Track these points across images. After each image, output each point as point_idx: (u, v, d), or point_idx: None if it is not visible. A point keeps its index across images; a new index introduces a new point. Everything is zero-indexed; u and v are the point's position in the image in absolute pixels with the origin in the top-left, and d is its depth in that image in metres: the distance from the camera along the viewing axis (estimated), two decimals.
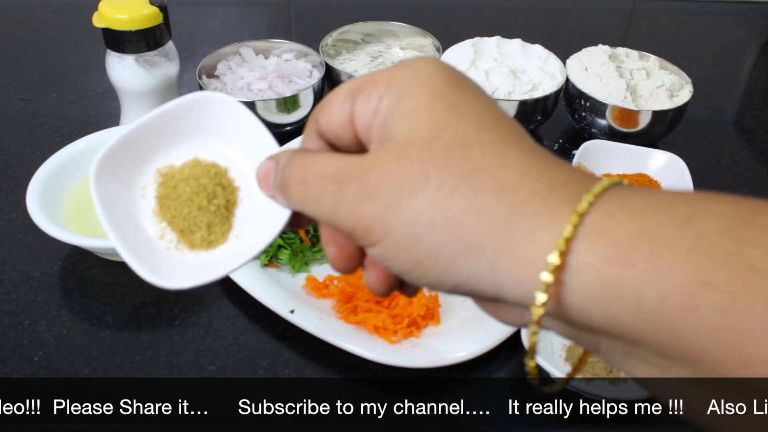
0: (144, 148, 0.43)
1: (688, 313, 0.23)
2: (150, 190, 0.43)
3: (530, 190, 0.27)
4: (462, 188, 0.27)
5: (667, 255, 0.23)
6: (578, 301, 0.25)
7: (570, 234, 0.25)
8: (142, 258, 0.39)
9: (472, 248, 0.27)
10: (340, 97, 0.31)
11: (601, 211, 0.25)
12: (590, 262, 0.24)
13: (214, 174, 0.42)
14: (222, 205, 0.41)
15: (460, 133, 0.28)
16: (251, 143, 0.40)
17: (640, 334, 0.24)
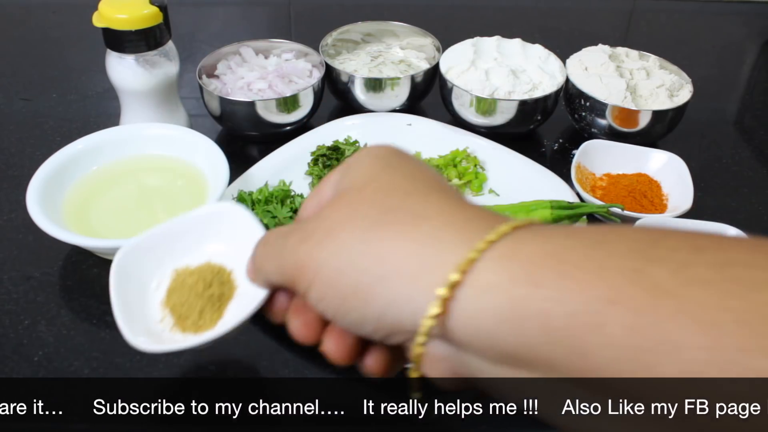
0: (166, 248, 0.50)
1: (595, 332, 0.22)
2: (164, 285, 0.50)
3: (445, 221, 0.27)
4: (382, 221, 0.28)
5: (575, 274, 0.23)
6: (489, 324, 0.25)
7: (475, 256, 0.25)
8: (133, 328, 0.45)
9: (387, 276, 0.27)
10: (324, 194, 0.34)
11: (513, 238, 0.26)
12: (499, 282, 0.25)
13: (217, 271, 0.49)
14: (215, 295, 0.47)
15: (389, 181, 0.30)
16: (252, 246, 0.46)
17: (551, 357, 0.24)
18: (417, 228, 0.27)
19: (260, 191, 0.65)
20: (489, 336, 0.25)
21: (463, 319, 0.25)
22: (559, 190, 0.69)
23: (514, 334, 0.24)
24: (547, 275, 0.24)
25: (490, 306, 0.25)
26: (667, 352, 0.21)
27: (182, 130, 0.69)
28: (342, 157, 0.71)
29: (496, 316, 0.25)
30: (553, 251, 0.24)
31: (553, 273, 0.24)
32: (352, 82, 0.78)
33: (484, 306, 0.25)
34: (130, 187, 0.67)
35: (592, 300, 0.23)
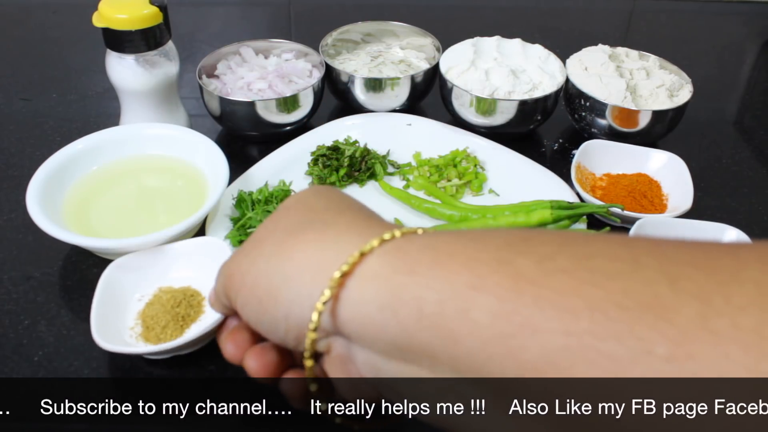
0: (157, 266, 0.57)
1: (463, 317, 0.24)
2: (145, 299, 0.56)
3: (348, 227, 0.30)
4: (296, 231, 0.31)
5: (446, 263, 0.25)
6: (372, 312, 0.26)
7: (367, 249, 0.27)
8: (101, 328, 0.51)
9: (292, 276, 0.29)
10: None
11: (405, 238, 0.28)
12: (382, 272, 0.27)
13: (191, 294, 0.56)
14: (181, 315, 0.54)
15: (314, 202, 0.33)
16: None
17: (428, 344, 0.25)
18: (323, 234, 0.30)
19: (260, 191, 0.65)
20: (373, 324, 0.27)
21: (350, 308, 0.27)
22: (559, 190, 0.69)
23: (394, 321, 0.26)
24: (423, 264, 0.26)
25: (373, 294, 0.26)
26: (528, 336, 0.23)
27: (182, 130, 0.69)
28: (342, 157, 0.71)
29: (378, 303, 0.26)
30: (433, 245, 0.26)
31: (428, 262, 0.26)
32: (352, 82, 0.78)
33: (368, 294, 0.27)
34: (130, 187, 0.67)
35: (460, 287, 0.24)
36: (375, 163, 0.72)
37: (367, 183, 0.72)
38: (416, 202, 0.68)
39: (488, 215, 0.64)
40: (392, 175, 0.73)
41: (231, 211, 0.65)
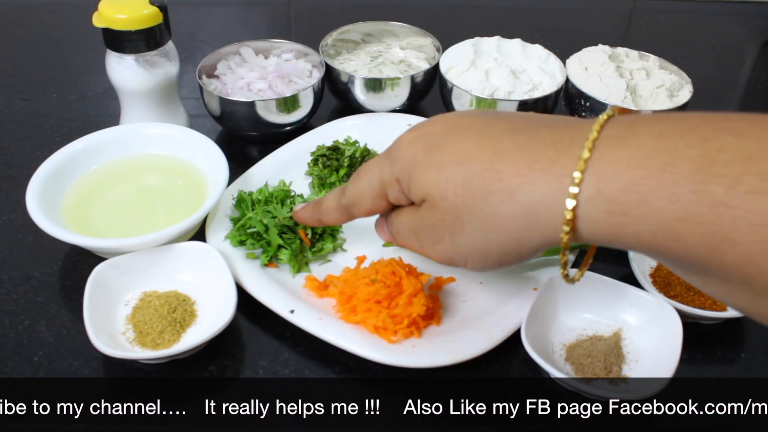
0: (140, 271, 0.58)
1: (674, 241, 0.32)
2: (132, 303, 0.57)
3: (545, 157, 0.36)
4: (503, 152, 0.37)
5: (652, 203, 0.32)
6: (601, 238, 0.35)
7: (574, 204, 0.34)
8: (98, 333, 0.52)
9: (524, 211, 0.36)
10: (371, 201, 0.46)
11: (593, 174, 0.34)
12: (597, 216, 0.34)
13: (183, 299, 0.57)
14: (177, 320, 0.55)
15: (458, 180, 0.39)
16: (218, 285, 0.56)
17: (651, 253, 0.34)
18: (533, 163, 0.36)
19: (260, 191, 0.65)
20: (602, 242, 0.36)
21: (582, 237, 0.36)
22: None
23: (618, 243, 0.35)
24: (632, 207, 0.33)
25: (596, 232, 0.35)
26: (728, 248, 0.31)
27: (182, 130, 0.69)
28: (342, 157, 0.71)
29: (603, 237, 0.35)
30: (629, 184, 0.33)
31: (635, 204, 0.33)
32: (352, 82, 0.78)
33: (593, 232, 0.35)
34: (130, 187, 0.67)
35: (669, 221, 0.32)
36: None
37: None
38: None
39: None
40: None
41: (231, 211, 0.65)
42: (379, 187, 0.44)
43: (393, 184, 0.43)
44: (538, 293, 0.56)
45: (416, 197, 0.42)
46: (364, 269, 0.59)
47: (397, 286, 0.56)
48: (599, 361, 0.53)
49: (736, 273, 0.31)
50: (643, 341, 0.55)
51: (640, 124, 0.34)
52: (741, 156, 0.30)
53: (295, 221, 0.61)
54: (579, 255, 0.63)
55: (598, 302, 0.57)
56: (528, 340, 0.52)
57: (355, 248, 0.64)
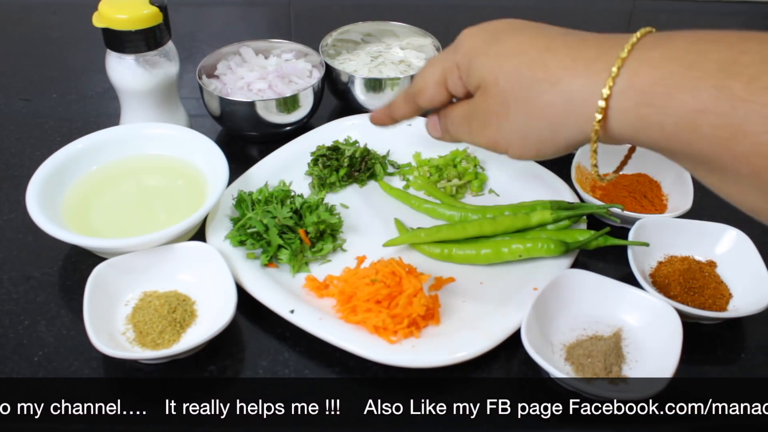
0: (140, 271, 0.58)
1: (693, 131, 0.36)
2: (132, 303, 0.57)
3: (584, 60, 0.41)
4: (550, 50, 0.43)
5: (676, 95, 0.36)
6: (628, 131, 0.39)
7: (609, 92, 0.39)
8: (98, 333, 0.52)
9: (566, 101, 0.41)
10: (433, 88, 0.50)
11: (628, 70, 0.38)
12: (628, 107, 0.38)
13: (183, 299, 0.57)
14: (178, 320, 0.55)
15: (509, 68, 0.44)
16: (218, 285, 0.56)
17: (670, 148, 0.38)
18: (575, 63, 0.41)
19: (260, 191, 0.65)
20: (631, 138, 0.40)
21: (613, 130, 0.40)
22: (559, 190, 0.69)
23: (644, 137, 0.39)
24: (658, 99, 0.37)
25: (626, 123, 0.39)
26: (741, 138, 0.34)
27: (182, 130, 0.69)
28: (342, 157, 0.71)
29: (632, 128, 0.39)
30: (657, 79, 0.37)
31: (661, 96, 0.37)
32: (352, 83, 0.78)
33: (624, 123, 0.39)
34: (130, 187, 0.67)
35: (690, 112, 0.36)
36: (375, 163, 0.72)
37: (367, 183, 0.72)
38: (416, 203, 0.68)
39: (488, 215, 0.64)
40: (392, 175, 0.73)
41: (231, 211, 0.65)
42: (441, 75, 0.49)
43: (453, 71, 0.48)
44: (538, 293, 0.56)
45: (472, 83, 0.47)
46: (364, 269, 0.59)
47: (397, 286, 0.56)
48: (599, 361, 0.53)
49: (746, 165, 0.35)
50: (643, 341, 0.55)
51: (676, 34, 0.39)
52: (760, 58, 0.34)
53: (295, 221, 0.61)
54: (585, 254, 0.63)
55: (598, 302, 0.57)
56: (528, 340, 0.52)
57: (355, 248, 0.64)
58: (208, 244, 0.60)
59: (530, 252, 0.60)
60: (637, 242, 0.60)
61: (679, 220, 0.63)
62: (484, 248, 0.61)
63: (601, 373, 0.52)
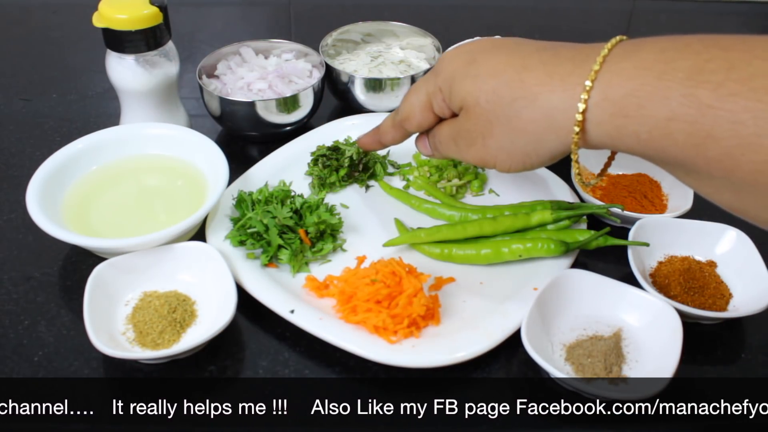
0: (140, 271, 0.58)
1: (666, 139, 0.38)
2: (132, 303, 0.57)
3: (558, 76, 0.43)
4: (525, 68, 0.44)
5: (648, 106, 0.38)
6: (606, 140, 0.41)
7: (584, 102, 0.41)
8: (98, 333, 0.51)
9: (544, 117, 0.43)
10: (420, 113, 0.53)
11: (602, 82, 0.40)
12: (603, 119, 0.40)
13: (183, 299, 0.57)
14: (178, 320, 0.55)
15: (489, 89, 0.45)
16: (218, 285, 0.56)
17: (647, 154, 0.40)
18: (550, 79, 0.43)
19: (260, 191, 0.65)
20: (608, 145, 0.42)
21: (591, 140, 0.42)
22: (559, 190, 0.69)
23: (622, 146, 0.41)
24: (631, 110, 0.39)
25: (602, 133, 0.41)
26: (711, 143, 0.36)
27: (182, 130, 0.69)
28: (342, 157, 0.71)
29: (608, 139, 0.41)
30: (630, 92, 0.39)
31: (635, 107, 0.39)
32: (352, 83, 0.78)
33: (599, 134, 0.41)
34: (130, 187, 0.67)
35: (662, 120, 0.38)
36: (375, 163, 0.72)
37: (367, 183, 0.72)
38: (416, 203, 0.68)
39: (488, 215, 0.64)
40: (392, 175, 0.73)
41: (231, 211, 0.65)
42: (426, 100, 0.52)
43: (437, 94, 0.50)
44: (538, 293, 0.56)
45: (455, 105, 0.49)
46: (364, 269, 0.59)
47: (397, 286, 0.56)
48: (599, 361, 0.53)
49: (719, 167, 0.37)
50: (643, 341, 0.55)
51: (645, 43, 0.40)
52: (725, 65, 0.35)
53: (296, 221, 0.61)
54: (585, 254, 0.63)
55: (598, 302, 0.57)
56: (528, 340, 0.52)
57: (355, 248, 0.64)
58: (208, 244, 0.60)
59: (530, 252, 0.60)
60: (637, 242, 0.60)
61: (679, 220, 0.63)
62: (484, 248, 0.61)
63: (601, 373, 0.52)
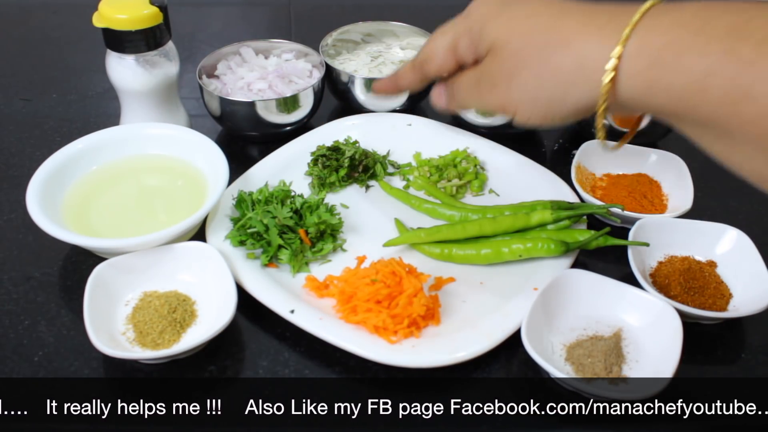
0: (140, 271, 0.58)
1: (701, 94, 0.37)
2: (132, 303, 0.57)
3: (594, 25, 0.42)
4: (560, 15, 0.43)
5: (685, 59, 0.37)
6: (637, 94, 0.40)
7: (619, 53, 0.40)
8: (98, 333, 0.51)
9: (576, 67, 0.42)
10: (442, 55, 0.51)
11: (639, 34, 0.39)
12: (637, 70, 0.39)
13: (183, 299, 0.57)
14: (178, 320, 0.55)
15: (522, 30, 0.45)
16: (218, 285, 0.56)
17: (677, 112, 0.39)
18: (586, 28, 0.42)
19: (260, 191, 0.65)
20: (639, 103, 0.41)
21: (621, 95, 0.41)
22: (559, 190, 0.69)
23: (653, 101, 0.40)
24: (668, 61, 0.38)
25: (635, 88, 0.40)
26: (749, 101, 0.35)
27: (182, 130, 0.69)
28: (342, 158, 0.71)
29: (642, 91, 0.40)
30: (667, 43, 0.38)
31: (672, 57, 0.38)
32: (352, 83, 0.78)
33: (633, 88, 0.40)
34: (130, 187, 0.67)
35: (699, 74, 0.36)
36: (375, 163, 0.72)
37: (367, 183, 0.72)
38: (416, 203, 0.68)
39: (488, 215, 0.64)
40: (392, 175, 0.73)
41: (231, 211, 0.65)
42: (452, 41, 0.50)
43: (464, 36, 0.49)
44: (538, 293, 0.56)
45: (484, 47, 0.47)
46: (364, 269, 0.59)
47: (397, 286, 0.56)
48: (599, 361, 0.53)
49: (754, 127, 0.35)
50: (643, 341, 0.55)
51: (686, 2, 0.39)
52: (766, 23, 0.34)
53: (296, 221, 0.61)
54: (585, 254, 0.63)
55: (598, 302, 0.57)
56: (528, 340, 0.52)
57: (355, 248, 0.64)
58: (208, 244, 0.60)
59: (530, 252, 0.60)
60: (637, 242, 0.60)
61: (679, 220, 0.63)
62: (484, 248, 0.61)
63: (601, 373, 0.52)
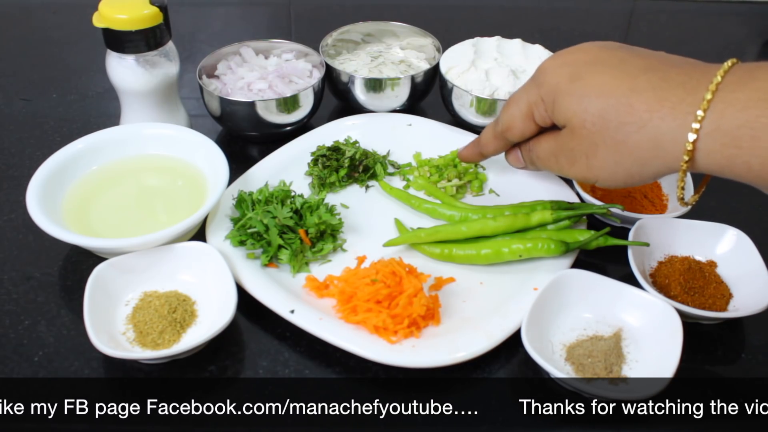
0: (141, 271, 0.58)
1: (755, 164, 0.40)
2: (132, 303, 0.57)
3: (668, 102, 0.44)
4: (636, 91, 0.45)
5: (763, 138, 0.39)
6: (715, 168, 0.42)
7: (696, 134, 0.42)
8: (98, 333, 0.51)
9: (654, 146, 0.44)
10: (521, 124, 0.54)
11: (714, 112, 0.41)
12: (714, 148, 0.41)
13: (183, 299, 0.57)
14: (178, 320, 0.55)
15: (595, 111, 0.46)
16: (218, 285, 0.56)
17: (758, 183, 0.42)
18: (661, 105, 0.44)
19: (260, 191, 0.65)
20: (716, 172, 0.43)
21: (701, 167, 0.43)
22: (559, 190, 0.69)
23: (732, 173, 0.42)
24: (744, 142, 0.40)
25: (712, 162, 0.42)
26: None
27: (182, 130, 0.69)
28: (342, 158, 0.71)
29: (718, 167, 0.42)
30: (741, 124, 0.40)
31: (748, 139, 0.40)
32: (352, 83, 0.78)
33: (710, 162, 0.42)
34: (130, 187, 0.67)
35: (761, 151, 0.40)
36: (375, 163, 0.72)
37: (367, 183, 0.72)
38: (416, 203, 0.68)
39: (488, 215, 0.64)
40: (392, 175, 0.73)
41: (231, 211, 0.65)
42: (527, 109, 0.52)
43: (539, 104, 0.51)
44: (538, 293, 0.56)
45: (559, 120, 0.50)
46: (364, 269, 0.59)
47: (398, 286, 0.56)
48: (599, 361, 0.53)
49: None
50: (644, 341, 0.55)
51: (759, 71, 0.40)
52: None
53: (296, 221, 0.61)
54: (585, 254, 0.63)
55: (598, 302, 0.57)
56: (528, 340, 0.52)
57: (355, 248, 0.64)
58: (208, 244, 0.60)
59: (530, 252, 0.60)
60: (637, 242, 0.60)
61: (679, 220, 0.63)
62: (484, 248, 0.61)
63: (601, 373, 0.52)
